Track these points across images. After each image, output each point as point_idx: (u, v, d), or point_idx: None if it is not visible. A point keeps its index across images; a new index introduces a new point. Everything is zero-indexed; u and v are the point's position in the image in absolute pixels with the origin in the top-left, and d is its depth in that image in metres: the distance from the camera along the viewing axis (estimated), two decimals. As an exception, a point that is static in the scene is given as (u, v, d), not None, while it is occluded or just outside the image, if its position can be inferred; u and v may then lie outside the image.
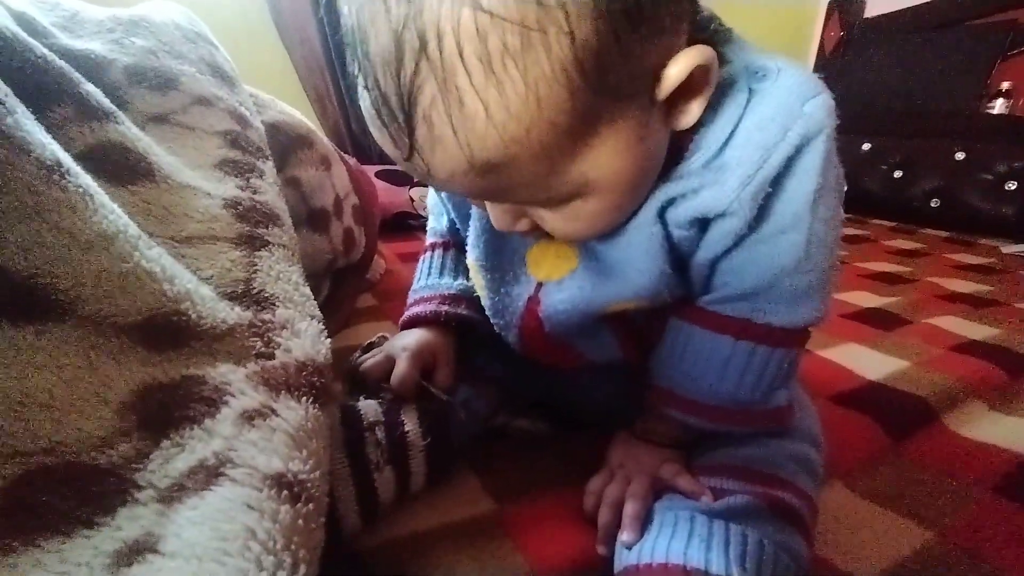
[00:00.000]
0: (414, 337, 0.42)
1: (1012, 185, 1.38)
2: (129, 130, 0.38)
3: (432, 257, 0.49)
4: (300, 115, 0.64)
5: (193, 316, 0.28)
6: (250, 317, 0.31)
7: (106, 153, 0.36)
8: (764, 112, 0.28)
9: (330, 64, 1.25)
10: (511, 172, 0.24)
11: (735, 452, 0.35)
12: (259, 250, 0.38)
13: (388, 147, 0.26)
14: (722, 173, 0.29)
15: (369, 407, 0.37)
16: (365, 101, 0.25)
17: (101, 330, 0.25)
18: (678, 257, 0.33)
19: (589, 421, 0.45)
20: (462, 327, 0.44)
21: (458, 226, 0.45)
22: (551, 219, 0.29)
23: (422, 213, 1.13)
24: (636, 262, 0.33)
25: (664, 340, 0.37)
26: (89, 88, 0.38)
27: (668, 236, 0.32)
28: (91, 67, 0.43)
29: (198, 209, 0.38)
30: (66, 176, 0.27)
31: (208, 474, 0.20)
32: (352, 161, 0.77)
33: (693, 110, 0.27)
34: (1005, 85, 1.47)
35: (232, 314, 0.31)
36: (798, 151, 0.28)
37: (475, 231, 0.38)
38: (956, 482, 0.42)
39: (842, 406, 0.51)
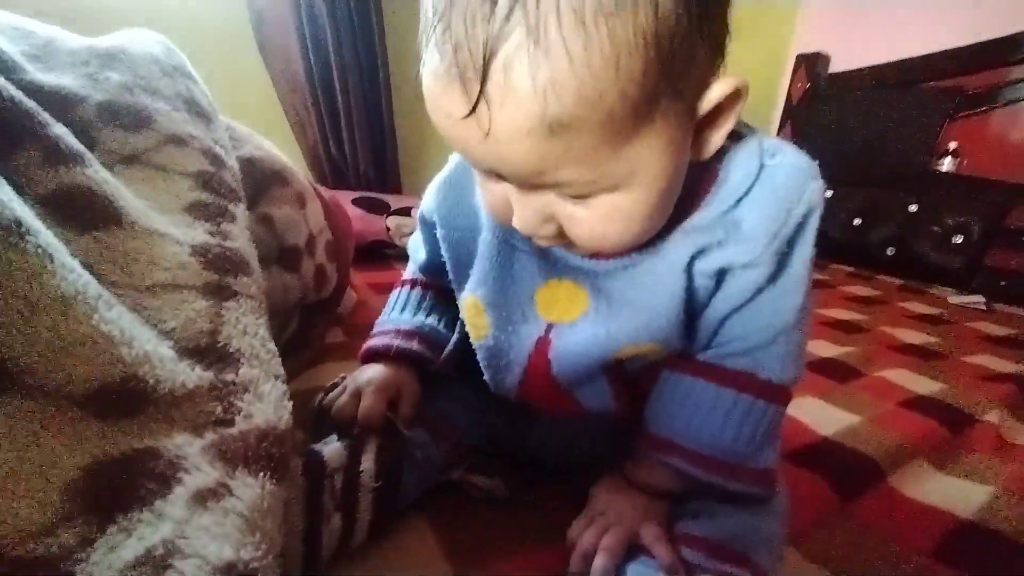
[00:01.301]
0: (377, 371, 0.43)
1: (958, 239, 1.47)
2: (97, 173, 0.37)
3: (400, 293, 0.49)
4: (277, 151, 0.64)
5: (151, 381, 0.28)
6: (211, 378, 0.31)
7: (71, 198, 0.35)
8: (778, 180, 0.32)
9: (311, 85, 1.25)
10: (573, 139, 0.24)
11: (713, 525, 0.34)
12: (227, 300, 0.37)
13: (447, 106, 0.25)
14: (738, 229, 0.32)
15: (335, 452, 0.37)
16: (433, 57, 0.25)
17: (52, 401, 0.24)
18: (689, 309, 0.35)
19: (561, 470, 0.45)
20: (417, 363, 0.44)
21: (442, 260, 0.43)
22: (585, 218, 0.29)
23: (398, 242, 1.13)
24: (657, 305, 0.34)
25: (662, 392, 0.37)
26: (58, 130, 0.37)
27: (690, 286, 0.34)
28: (62, 104, 0.42)
29: (165, 256, 0.37)
30: (25, 236, 0.26)
31: (155, 567, 0.20)
32: (327, 194, 0.77)
33: (714, 140, 0.29)
34: (952, 145, 1.58)
35: (192, 376, 0.30)
36: (805, 219, 0.32)
37: (482, 269, 0.38)
38: (898, 546, 0.44)
39: (796, 464, 0.53)
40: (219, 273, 0.39)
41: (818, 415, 0.64)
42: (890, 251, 1.61)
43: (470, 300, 0.39)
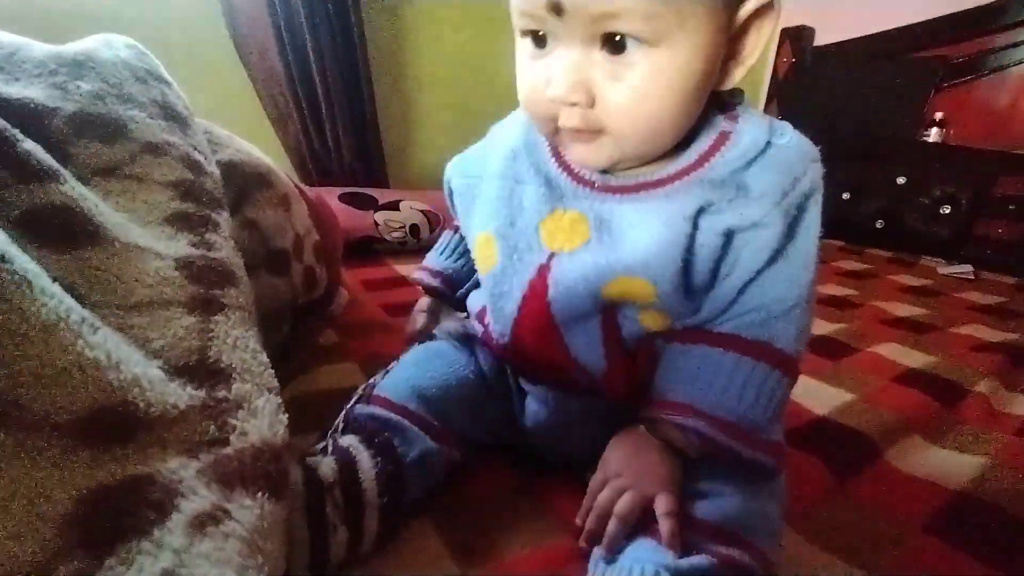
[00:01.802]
0: (423, 301, 0.58)
1: (946, 209, 1.48)
2: (72, 189, 0.36)
3: (445, 236, 0.59)
4: (259, 152, 0.62)
5: (141, 404, 0.27)
6: (203, 397, 0.30)
7: (47, 217, 0.34)
8: (784, 155, 0.34)
9: (288, 78, 1.22)
10: None
11: (714, 508, 0.34)
12: (215, 315, 0.36)
13: None
14: (746, 192, 0.34)
15: (327, 467, 0.37)
16: None
17: (40, 433, 0.24)
18: (689, 262, 0.35)
19: (562, 463, 0.46)
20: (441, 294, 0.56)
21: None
22: (623, 84, 0.31)
23: (387, 237, 1.12)
24: (658, 244, 0.35)
25: (678, 361, 0.38)
26: (28, 146, 0.36)
27: (693, 236, 0.35)
28: (31, 117, 0.40)
29: (148, 272, 0.36)
30: (1, 263, 0.26)
31: (156, 599, 0.20)
32: (313, 193, 0.76)
33: (736, 74, 0.33)
34: (938, 115, 1.58)
35: (184, 395, 0.30)
36: (810, 194, 0.35)
37: (492, 207, 0.41)
38: (894, 523, 0.45)
39: (793, 445, 0.53)
40: (205, 286, 0.38)
41: (813, 394, 0.64)
42: (879, 224, 1.62)
43: (482, 237, 0.42)
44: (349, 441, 0.39)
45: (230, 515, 0.24)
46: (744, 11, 0.31)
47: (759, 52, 0.33)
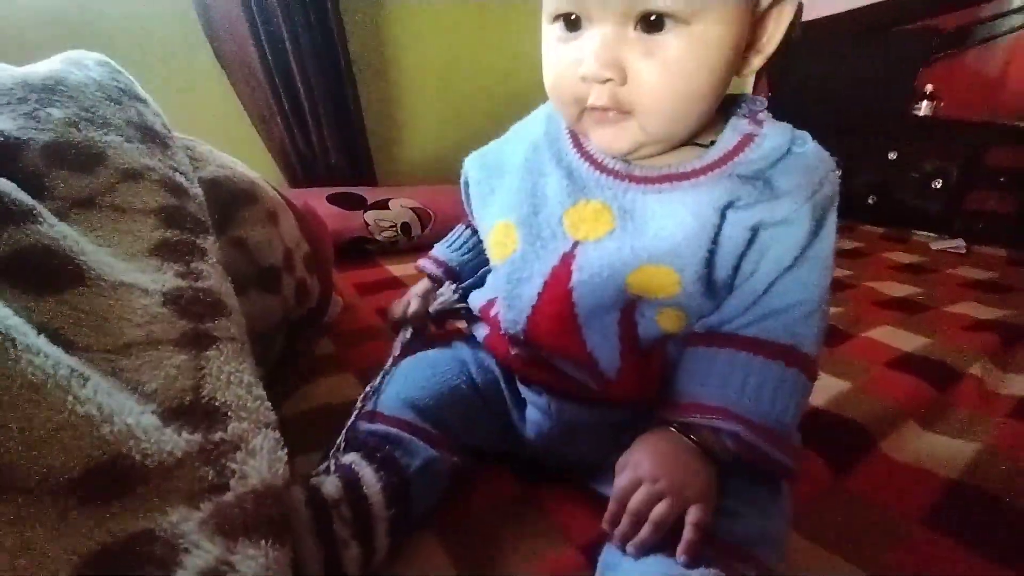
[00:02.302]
0: (421, 284, 0.57)
1: (937, 183, 1.48)
2: (52, 228, 0.36)
3: (457, 229, 0.58)
4: (243, 166, 0.61)
5: (137, 457, 0.27)
6: (199, 441, 0.30)
7: (27, 260, 0.33)
8: (805, 161, 0.36)
9: (268, 78, 1.19)
10: None
11: (724, 525, 0.34)
12: (206, 350, 0.36)
13: None
14: (772, 189, 0.35)
15: (331, 485, 0.37)
16: None
17: (36, 497, 0.24)
18: (712, 255, 0.35)
19: (564, 471, 0.46)
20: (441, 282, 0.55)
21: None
22: (655, 63, 0.32)
23: (379, 237, 1.11)
24: (681, 226, 0.35)
25: (705, 364, 0.37)
26: (3, 186, 0.35)
27: (720, 227, 0.35)
28: (3, 153, 0.39)
29: (136, 311, 0.36)
30: (-18, 324, 0.25)
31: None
32: (300, 200, 0.74)
33: (754, 63, 0.34)
34: (929, 88, 1.56)
35: (180, 442, 0.29)
36: (830, 200, 0.36)
37: (514, 197, 0.41)
38: (890, 515, 0.45)
39: (791, 440, 0.54)
40: (195, 320, 0.37)
41: (809, 385, 0.65)
42: (872, 199, 1.61)
43: (501, 224, 0.41)
44: (351, 458, 0.39)
45: (235, 568, 0.24)
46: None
47: (777, 41, 0.34)
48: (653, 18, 0.31)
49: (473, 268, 0.54)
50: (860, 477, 0.50)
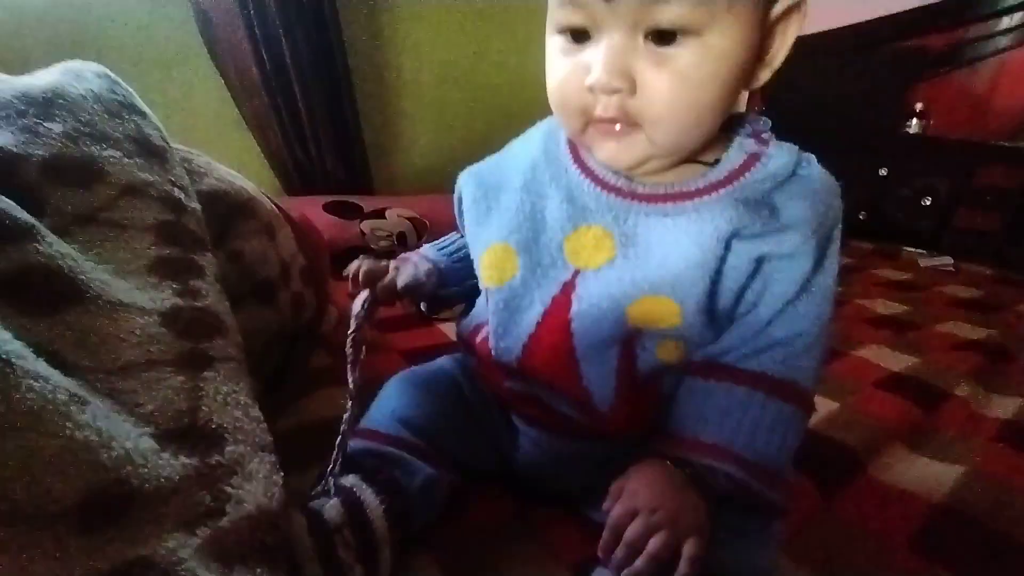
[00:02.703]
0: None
1: (927, 200, 1.50)
2: (51, 247, 0.36)
3: (449, 235, 0.54)
4: (241, 179, 0.61)
5: (135, 482, 0.27)
6: (197, 464, 0.30)
7: (26, 280, 0.33)
8: (812, 185, 0.36)
9: (267, 86, 1.19)
10: None
11: (721, 558, 0.34)
12: (204, 370, 0.36)
13: None
14: (777, 217, 0.34)
15: (332, 510, 0.37)
16: None
17: (34, 524, 0.24)
18: (715, 285, 0.35)
19: (557, 495, 0.46)
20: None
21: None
22: (665, 72, 0.31)
23: (374, 246, 1.11)
24: (683, 256, 0.35)
25: (702, 398, 0.37)
26: (2, 204, 0.35)
27: (724, 258, 0.35)
28: (1, 169, 0.39)
29: (134, 331, 0.36)
30: (-18, 351, 0.25)
31: None
32: (296, 211, 0.74)
33: (762, 76, 0.34)
34: (919, 106, 1.59)
35: (177, 466, 0.29)
36: (833, 229, 0.36)
37: (513, 219, 0.40)
38: (877, 540, 0.46)
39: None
40: (192, 339, 0.38)
41: (799, 404, 0.66)
42: (862, 215, 1.64)
43: (499, 247, 0.40)
44: (351, 480, 0.39)
45: (231, 598, 0.24)
46: (778, 8, 0.32)
47: (784, 54, 0.34)
48: (664, 31, 0.31)
49: (459, 278, 0.51)
50: (848, 500, 0.50)
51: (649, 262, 0.36)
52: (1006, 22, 1.50)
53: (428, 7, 1.37)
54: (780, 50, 0.34)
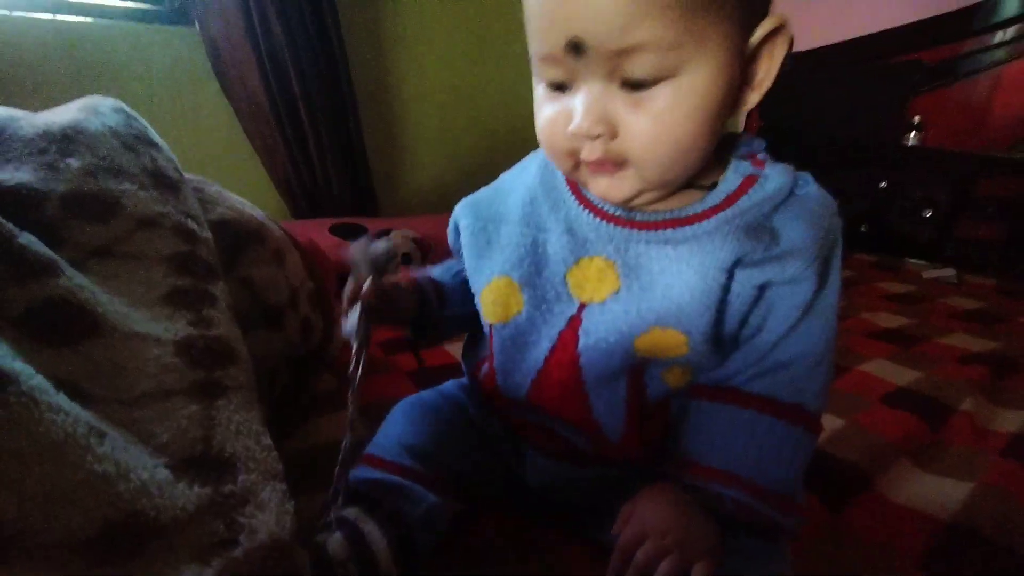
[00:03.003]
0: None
1: (928, 212, 1.51)
2: (71, 280, 0.37)
3: (446, 262, 0.53)
4: (251, 207, 0.63)
5: (152, 513, 0.28)
6: (210, 494, 0.31)
7: (47, 313, 0.35)
8: (810, 205, 0.35)
9: (275, 114, 1.22)
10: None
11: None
12: (217, 400, 0.37)
13: None
14: (777, 242, 0.34)
15: (336, 544, 0.37)
16: None
17: (52, 557, 0.24)
18: (720, 313, 0.35)
19: (565, 513, 0.46)
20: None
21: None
22: (643, 115, 0.31)
23: (380, 267, 1.13)
24: (687, 287, 0.35)
25: (710, 423, 0.37)
26: (24, 241, 0.36)
27: (728, 286, 0.35)
28: (23, 205, 0.41)
29: (149, 361, 0.37)
30: (7, 387, 0.26)
31: None
32: (304, 235, 0.76)
33: (751, 99, 0.34)
34: (917, 119, 1.61)
35: (192, 496, 0.30)
36: (834, 247, 0.36)
37: (515, 254, 0.40)
38: (887, 558, 0.46)
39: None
40: (206, 369, 0.39)
41: (804, 421, 0.66)
42: (864, 227, 1.64)
43: (502, 281, 0.40)
44: (353, 513, 0.39)
45: (245, 628, 0.25)
46: (756, 36, 0.32)
47: (773, 76, 0.33)
48: (637, 80, 0.31)
49: (460, 299, 0.50)
50: (856, 518, 0.50)
51: (654, 294, 0.36)
52: (999, 36, 1.53)
53: (433, 34, 1.41)
54: (768, 73, 0.33)
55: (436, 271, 0.52)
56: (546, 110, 0.35)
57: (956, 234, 1.49)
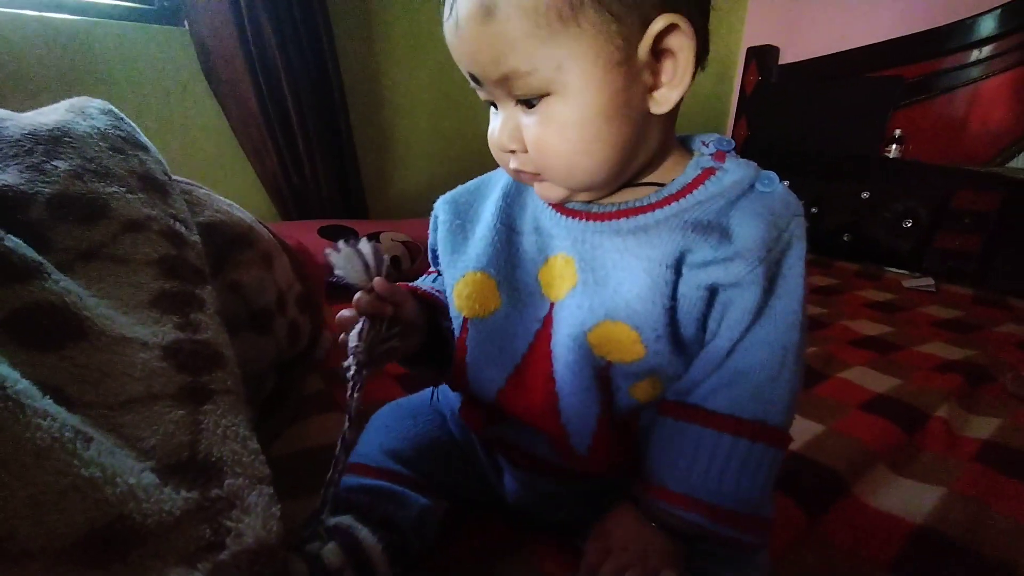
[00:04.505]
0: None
1: (908, 223, 1.55)
2: (57, 284, 0.37)
3: (425, 277, 0.51)
4: (239, 210, 0.63)
5: (138, 518, 0.28)
6: (196, 498, 0.31)
7: (32, 317, 0.35)
8: (769, 203, 0.34)
9: (265, 115, 1.22)
10: (505, 24, 0.30)
11: None
12: (203, 404, 0.37)
13: (446, 28, 0.34)
14: (729, 241, 0.34)
15: (331, 553, 0.36)
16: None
17: (39, 562, 0.24)
18: (674, 313, 0.35)
19: (549, 524, 0.46)
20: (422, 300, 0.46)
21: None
22: (533, 125, 0.33)
23: (368, 270, 1.12)
24: (636, 283, 0.35)
25: (672, 443, 0.37)
26: (10, 244, 0.36)
27: (676, 284, 0.34)
28: (10, 206, 0.41)
29: (136, 365, 0.37)
30: (-6, 392, 0.26)
31: None
32: (292, 237, 0.76)
33: (670, 97, 0.33)
34: (897, 132, 1.65)
35: (178, 500, 0.30)
36: (792, 249, 0.34)
37: (491, 251, 0.40)
38: (861, 562, 0.47)
39: (767, 484, 0.56)
40: (193, 373, 0.39)
41: (785, 427, 0.67)
42: (846, 237, 1.68)
43: (478, 275, 0.40)
44: (346, 521, 0.39)
45: (230, 632, 0.25)
46: (645, 41, 0.31)
47: (690, 71, 0.32)
48: (523, 98, 0.33)
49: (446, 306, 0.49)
50: (832, 523, 0.52)
51: (607, 287, 0.36)
52: (976, 54, 1.57)
53: (423, 39, 1.41)
54: (680, 71, 0.32)
55: (427, 287, 0.48)
56: (490, 125, 0.38)
57: (935, 244, 1.53)
